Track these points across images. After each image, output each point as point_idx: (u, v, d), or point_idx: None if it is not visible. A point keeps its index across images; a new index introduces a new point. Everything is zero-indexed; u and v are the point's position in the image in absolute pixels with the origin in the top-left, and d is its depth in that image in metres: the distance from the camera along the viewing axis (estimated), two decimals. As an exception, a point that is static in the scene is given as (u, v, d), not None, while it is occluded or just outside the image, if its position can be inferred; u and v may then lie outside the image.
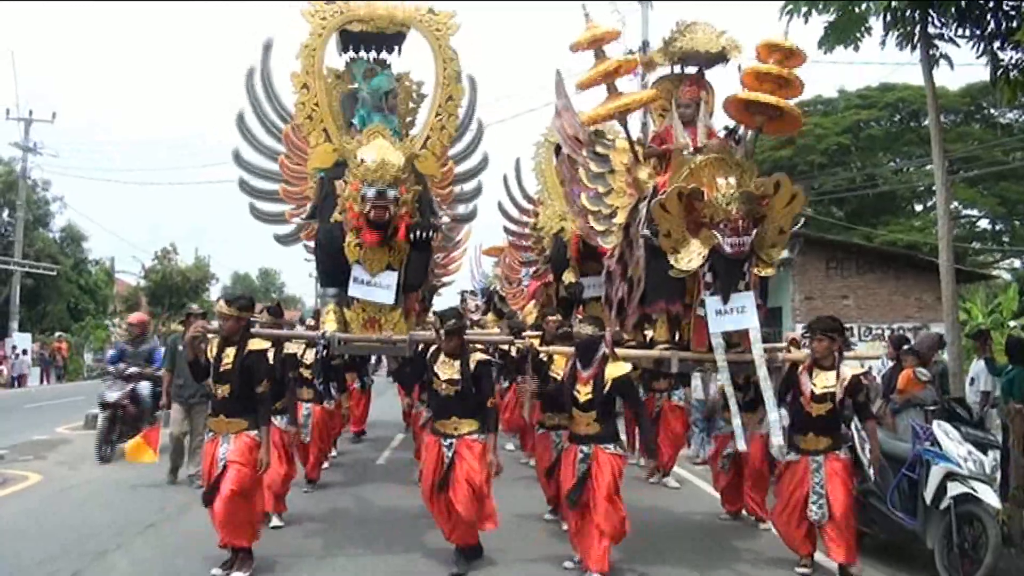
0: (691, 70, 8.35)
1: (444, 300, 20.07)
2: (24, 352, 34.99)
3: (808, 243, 19.74)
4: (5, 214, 39.77)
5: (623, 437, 11.23)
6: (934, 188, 29.87)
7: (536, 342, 8.44)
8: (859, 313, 19.40)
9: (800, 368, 7.14)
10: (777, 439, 6.88)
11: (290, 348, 8.69)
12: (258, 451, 6.97)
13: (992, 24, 8.46)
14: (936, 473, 6.82)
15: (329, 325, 7.92)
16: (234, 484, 6.78)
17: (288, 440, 8.79)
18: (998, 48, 8.57)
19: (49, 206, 42.39)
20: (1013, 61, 8.52)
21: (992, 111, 30.95)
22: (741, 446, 7.19)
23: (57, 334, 38.93)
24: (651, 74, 8.80)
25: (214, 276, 51.76)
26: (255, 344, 7.13)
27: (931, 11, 8.44)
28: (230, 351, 7.04)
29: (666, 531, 8.71)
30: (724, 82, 8.30)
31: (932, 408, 7.57)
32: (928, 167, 31.94)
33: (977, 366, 10.48)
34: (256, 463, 6.94)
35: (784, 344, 8.10)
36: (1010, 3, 8.22)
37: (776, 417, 6.86)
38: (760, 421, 8.09)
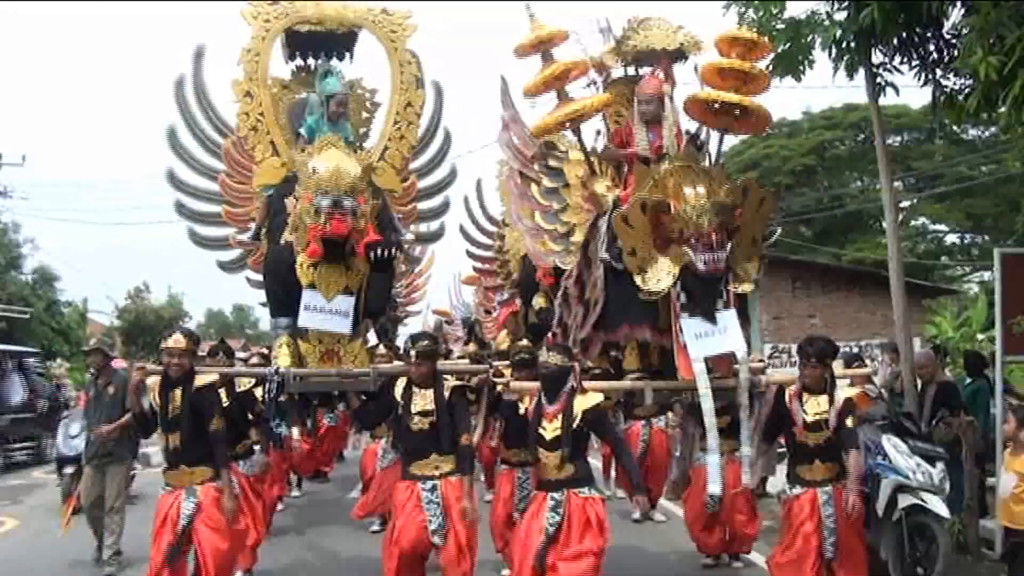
0: (646, 71, 7.66)
1: (409, 331, 20.03)
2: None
3: (773, 263, 19.79)
4: (-26, 259, 39.62)
5: (600, 472, 10.53)
6: (905, 204, 30.21)
7: (507, 372, 7.53)
8: (826, 331, 19.21)
9: (788, 395, 6.47)
10: (746, 476, 6.53)
11: (244, 385, 7.82)
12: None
13: (934, 53, 8.66)
14: (887, 485, 6.86)
15: (282, 360, 6.96)
16: (218, 557, 6.18)
17: (257, 486, 8.27)
18: (941, 76, 8.77)
19: (20, 248, 42.27)
20: (956, 86, 8.69)
21: (955, 128, 31.43)
22: (715, 489, 6.57)
23: (31, 378, 38.74)
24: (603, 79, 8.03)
25: (188, 314, 51.75)
26: (201, 380, 6.41)
27: (874, 41, 8.62)
28: (176, 393, 6.28)
29: (651, 570, 8.48)
30: (682, 82, 7.72)
31: (881, 423, 7.61)
32: (896, 184, 32.46)
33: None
34: (230, 523, 6.33)
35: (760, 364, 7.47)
36: (950, 32, 8.40)
37: (749, 451, 6.44)
38: (735, 450, 7.31)
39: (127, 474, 9.03)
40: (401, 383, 6.56)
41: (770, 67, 8.53)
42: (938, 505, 6.70)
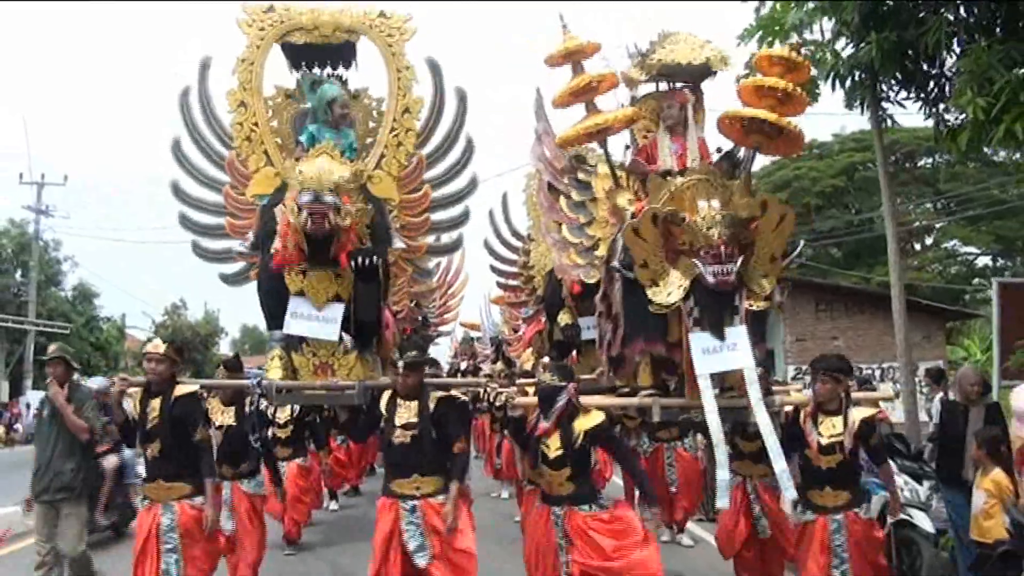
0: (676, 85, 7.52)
1: (439, 351, 20.23)
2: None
3: (797, 286, 20.33)
4: (18, 275, 40.61)
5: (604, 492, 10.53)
6: (936, 226, 30.03)
7: (531, 390, 7.22)
8: (849, 353, 19.25)
9: (803, 415, 6.32)
10: (789, 493, 5.99)
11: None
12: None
13: (935, 89, 8.93)
14: (876, 501, 7.19)
15: (273, 373, 6.82)
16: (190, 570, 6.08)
17: (260, 506, 8.06)
18: (944, 109, 9.01)
19: (60, 265, 43.26)
20: (957, 120, 8.89)
21: (985, 150, 31.27)
22: (724, 503, 6.21)
23: (69, 392, 39.48)
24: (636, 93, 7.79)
25: (223, 330, 52.57)
26: (182, 389, 6.27)
27: (876, 75, 8.89)
28: (155, 403, 6.18)
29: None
30: (714, 99, 7.57)
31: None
32: (927, 206, 32.44)
33: (933, 403, 11.22)
34: (210, 539, 6.25)
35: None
36: (951, 70, 8.64)
37: (784, 467, 5.92)
38: (764, 475, 7.22)
39: (87, 515, 7.82)
40: (386, 395, 6.44)
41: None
42: (923, 520, 7.14)
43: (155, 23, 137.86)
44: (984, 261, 33.45)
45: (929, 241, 33.94)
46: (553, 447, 6.10)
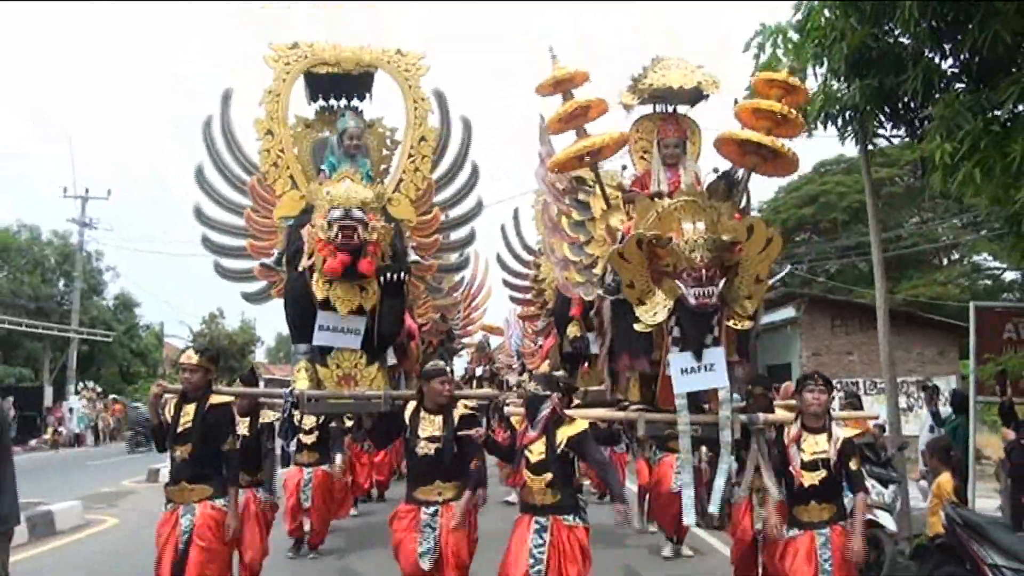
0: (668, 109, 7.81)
1: (461, 361, 20.65)
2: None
3: (813, 302, 20.81)
4: (61, 284, 41.86)
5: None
6: (964, 241, 30.06)
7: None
8: (863, 368, 20.27)
9: (787, 436, 6.40)
10: (714, 507, 6.49)
11: (268, 417, 8.22)
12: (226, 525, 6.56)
13: (919, 127, 9.30)
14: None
15: (300, 383, 7.26)
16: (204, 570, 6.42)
17: (271, 513, 8.38)
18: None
19: (103, 275, 44.53)
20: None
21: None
22: (689, 520, 6.54)
23: (111, 396, 40.52)
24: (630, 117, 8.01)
25: (259, 338, 53.58)
26: (217, 399, 6.67)
27: (863, 117, 9.30)
28: (189, 408, 6.57)
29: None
30: (709, 120, 7.84)
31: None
32: (955, 221, 32.52)
33: (925, 415, 12.00)
34: (225, 539, 6.54)
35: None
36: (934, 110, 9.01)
37: (721, 484, 6.42)
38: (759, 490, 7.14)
39: (6, 547, 6.22)
40: (410, 407, 6.73)
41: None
42: (887, 520, 7.87)
43: (154, 21, 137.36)
44: (1012, 275, 33.48)
45: (956, 256, 34.01)
46: (536, 452, 6.32)
